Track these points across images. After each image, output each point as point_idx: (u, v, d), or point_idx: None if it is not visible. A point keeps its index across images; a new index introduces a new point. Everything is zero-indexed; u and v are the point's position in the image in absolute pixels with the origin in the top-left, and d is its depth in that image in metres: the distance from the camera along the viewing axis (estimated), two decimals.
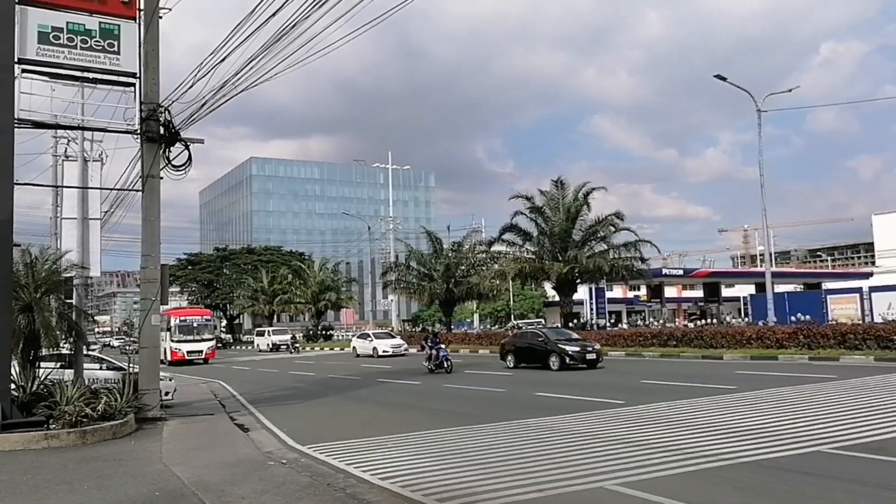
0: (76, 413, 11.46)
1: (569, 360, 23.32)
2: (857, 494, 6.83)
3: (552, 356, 23.96)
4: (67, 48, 12.99)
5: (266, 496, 7.32)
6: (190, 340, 40.15)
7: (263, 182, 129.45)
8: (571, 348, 23.77)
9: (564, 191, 40.14)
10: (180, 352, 39.33)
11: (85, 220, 16.00)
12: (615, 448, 9.39)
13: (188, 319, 41.64)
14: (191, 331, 40.90)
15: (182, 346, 39.62)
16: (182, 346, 39.62)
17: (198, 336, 40.97)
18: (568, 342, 24.55)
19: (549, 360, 24.00)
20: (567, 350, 23.66)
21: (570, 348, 23.77)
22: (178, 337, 40.16)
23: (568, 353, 23.50)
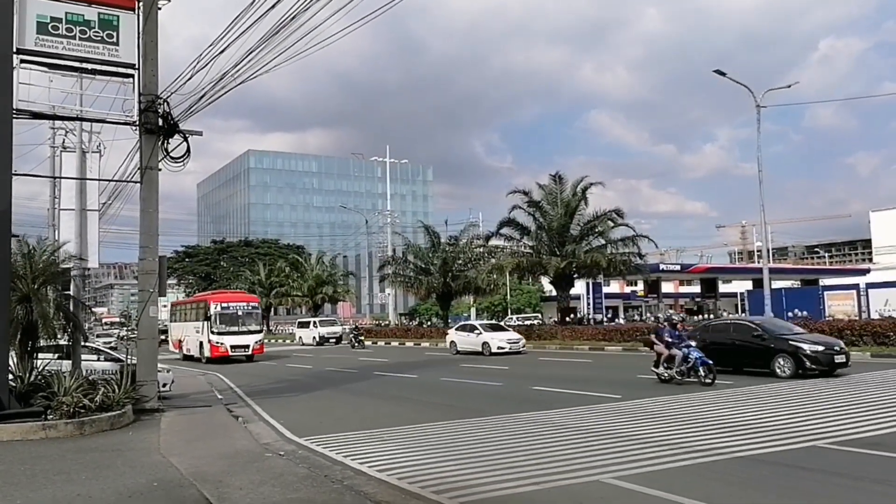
0: (74, 404, 11.46)
1: (809, 363, 16.41)
2: (852, 489, 6.87)
3: (779, 358, 16.89)
4: (66, 38, 12.94)
5: (264, 487, 7.35)
6: (234, 332, 31.80)
7: (261, 175, 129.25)
8: (810, 347, 16.80)
9: (562, 186, 40.15)
10: (222, 346, 31.17)
11: (83, 211, 15.98)
12: (612, 442, 9.43)
13: (231, 306, 32.82)
14: (235, 320, 32.30)
15: (224, 340, 31.33)
16: (224, 340, 31.33)
17: (244, 327, 32.44)
18: (801, 338, 17.56)
19: (773, 365, 16.96)
20: (805, 350, 16.67)
21: (807, 347, 16.78)
22: (220, 328, 31.63)
23: (806, 353, 16.58)
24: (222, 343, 31.23)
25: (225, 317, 32.14)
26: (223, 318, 32.02)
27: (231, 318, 32.32)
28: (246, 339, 31.93)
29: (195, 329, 33.45)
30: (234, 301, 33.88)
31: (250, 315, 33.27)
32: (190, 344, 34.40)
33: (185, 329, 35.93)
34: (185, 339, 35.49)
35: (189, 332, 34.94)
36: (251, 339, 32.14)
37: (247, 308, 33.41)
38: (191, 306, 37.01)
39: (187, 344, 35.00)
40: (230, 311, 32.49)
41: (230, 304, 33.13)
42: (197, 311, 34.36)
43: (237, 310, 32.81)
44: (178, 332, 37.68)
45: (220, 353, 31.08)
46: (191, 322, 34.89)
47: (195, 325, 33.68)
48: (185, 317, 37.14)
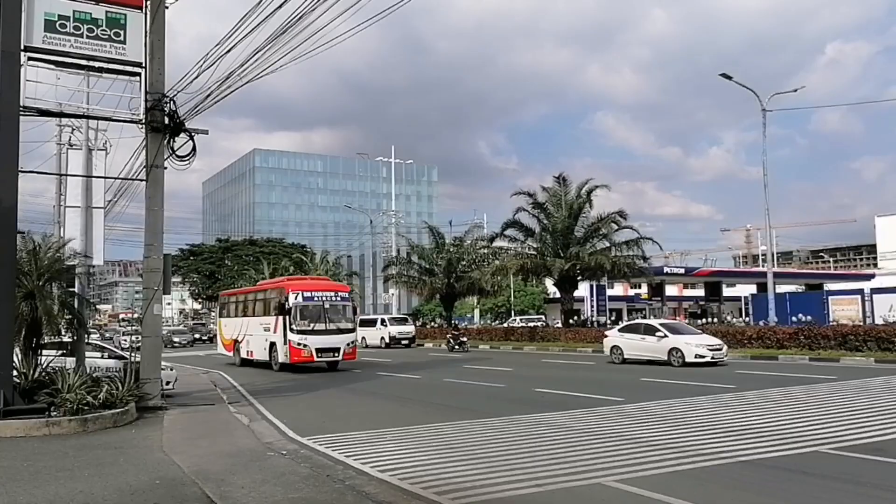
0: (77, 401, 11.51)
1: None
2: (855, 495, 6.85)
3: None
4: (74, 37, 13.00)
5: (266, 486, 7.36)
6: (321, 331, 24.33)
7: (267, 174, 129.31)
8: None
9: (567, 187, 40.13)
10: (305, 349, 23.82)
11: (88, 208, 16.06)
12: (614, 445, 9.42)
13: (317, 296, 25.00)
14: (321, 315, 24.60)
15: (309, 341, 23.92)
16: (309, 341, 23.92)
17: (332, 324, 24.82)
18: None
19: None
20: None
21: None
22: (302, 325, 24.10)
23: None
24: (305, 345, 23.76)
25: (309, 310, 24.45)
26: (306, 313, 24.31)
27: (316, 312, 24.56)
28: (336, 339, 24.61)
29: (262, 326, 26.32)
30: (319, 289, 25.59)
31: (340, 308, 25.49)
32: (254, 345, 26.96)
33: (245, 326, 28.22)
34: (247, 339, 27.75)
35: (252, 330, 27.38)
36: (342, 341, 24.78)
37: (335, 299, 25.35)
38: (255, 297, 28.68)
39: (249, 345, 27.46)
40: (315, 302, 24.67)
41: (314, 293, 25.06)
42: (265, 302, 26.87)
43: (324, 301, 24.90)
44: (234, 329, 29.53)
45: (303, 358, 23.84)
46: (255, 317, 27.56)
47: (262, 322, 26.42)
48: (245, 310, 29.21)
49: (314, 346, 23.85)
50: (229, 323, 30.71)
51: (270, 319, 25.45)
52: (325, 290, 25.68)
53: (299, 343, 23.74)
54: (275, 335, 24.88)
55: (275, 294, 25.80)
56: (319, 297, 24.83)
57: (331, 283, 29.22)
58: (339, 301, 25.45)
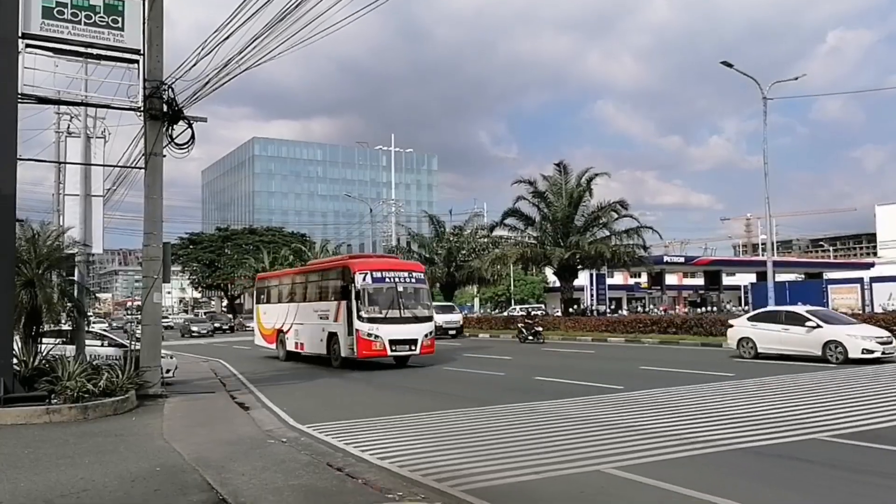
0: (78, 388, 11.53)
1: None
2: (852, 482, 6.88)
3: None
4: (71, 23, 12.93)
5: (266, 473, 7.38)
6: (395, 320, 19.99)
7: (266, 163, 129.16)
8: None
9: (567, 176, 40.06)
10: (378, 341, 19.52)
11: (87, 196, 16.04)
12: (613, 433, 9.45)
13: (388, 277, 20.58)
14: (394, 300, 20.37)
15: (381, 331, 19.60)
16: (381, 331, 19.60)
17: (407, 311, 20.54)
18: None
19: None
20: None
21: None
22: (371, 311, 19.78)
23: None
24: (377, 336, 19.46)
25: (380, 294, 20.21)
26: (377, 297, 20.08)
27: (389, 296, 20.33)
28: (413, 329, 20.17)
29: (317, 313, 22.21)
30: (390, 268, 21.07)
31: (416, 292, 21.22)
32: (305, 336, 22.96)
33: (293, 314, 24.08)
34: (294, 329, 23.83)
35: (302, 319, 23.26)
36: (420, 331, 20.25)
37: (410, 280, 21.01)
38: (306, 279, 24.57)
39: (298, 336, 23.46)
40: (387, 284, 20.41)
41: (385, 273, 20.58)
42: (321, 284, 23.02)
43: (397, 282, 20.58)
44: (277, 318, 25.47)
45: (374, 352, 19.61)
46: (306, 302, 23.57)
47: (317, 308, 22.35)
48: (292, 295, 25.19)
49: (387, 337, 19.51)
50: (270, 310, 26.52)
51: (328, 306, 21.45)
52: (397, 269, 21.14)
53: (369, 333, 19.37)
54: (335, 324, 20.71)
55: (335, 275, 21.71)
56: (391, 278, 20.44)
57: (402, 261, 24.86)
58: (414, 283, 21.02)
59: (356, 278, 19.88)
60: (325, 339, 21.33)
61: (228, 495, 6.48)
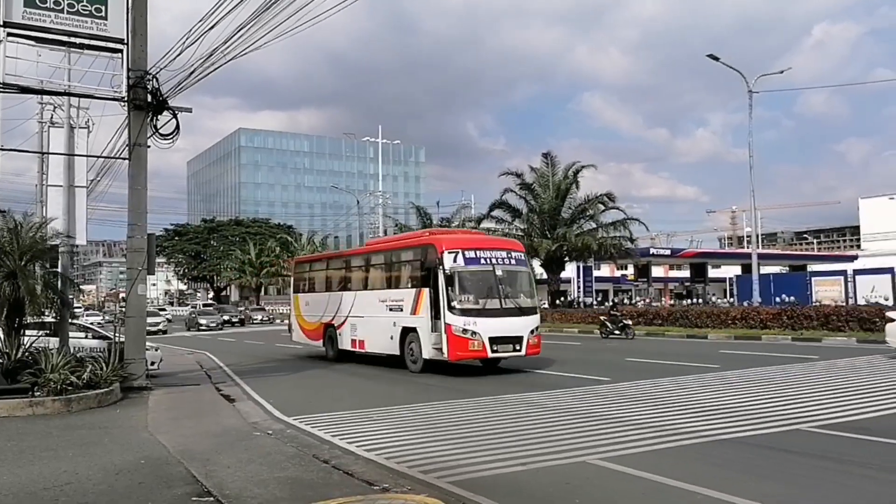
0: (61, 381, 11.45)
1: None
2: (834, 471, 6.94)
3: None
4: (54, 12, 12.76)
5: (251, 465, 7.36)
6: (495, 312, 15.76)
7: (252, 154, 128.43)
8: None
9: (554, 168, 40.17)
10: (475, 339, 15.33)
11: (71, 187, 15.85)
12: (599, 424, 9.49)
13: (484, 258, 16.23)
14: (492, 287, 16.07)
15: (479, 326, 15.40)
16: (479, 326, 15.40)
17: (509, 300, 16.19)
18: None
19: None
20: None
21: None
22: (466, 301, 15.64)
23: None
24: (474, 332, 15.16)
25: (475, 279, 15.94)
26: (472, 283, 15.83)
27: (486, 282, 15.95)
28: (517, 324, 15.77)
29: (386, 303, 17.87)
30: (485, 246, 16.63)
31: (518, 277, 16.75)
32: (367, 332, 18.67)
33: (348, 304, 19.64)
34: (350, 322, 19.42)
35: (364, 310, 18.87)
36: (525, 326, 15.89)
37: (510, 262, 16.42)
38: (369, 259, 19.94)
39: (357, 332, 19.08)
40: (484, 266, 15.93)
41: (481, 251, 16.18)
42: (392, 267, 18.59)
43: (495, 264, 16.01)
44: (322, 309, 21.04)
45: (471, 353, 15.33)
46: (369, 290, 19.20)
47: (387, 297, 17.98)
48: (346, 281, 20.47)
49: (486, 334, 15.16)
50: (315, 301, 21.91)
51: (402, 294, 17.25)
52: (493, 246, 16.73)
53: (465, 329, 15.08)
54: (413, 317, 16.52)
55: (412, 255, 17.61)
56: (488, 259, 16.01)
57: (497, 238, 20.10)
58: (515, 265, 16.51)
59: (444, 259, 15.56)
60: (396, 336, 17.10)
61: (213, 487, 6.45)
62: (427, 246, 16.75)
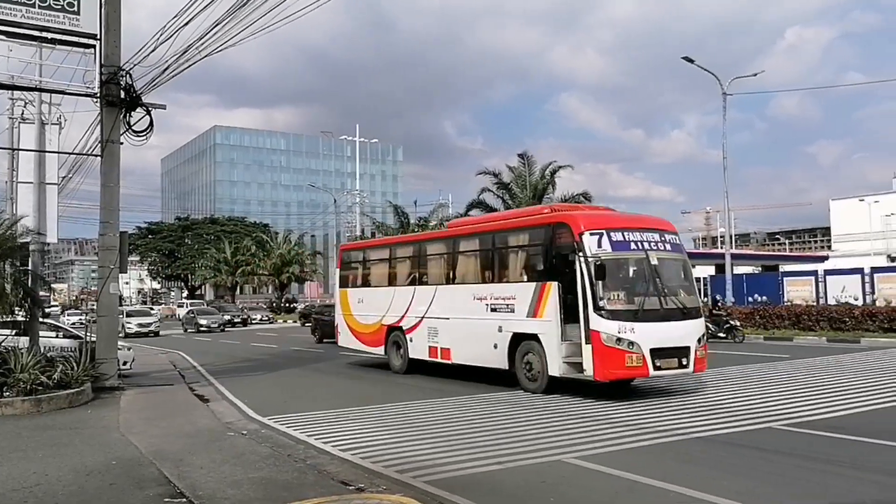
0: (31, 381, 11.29)
1: None
2: (805, 469, 7.05)
3: None
4: (25, 6, 12.57)
5: (225, 466, 7.30)
6: (655, 315, 11.62)
7: (228, 151, 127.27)
8: None
9: (531, 168, 40.29)
10: (633, 352, 11.17)
11: (42, 184, 15.64)
12: (574, 423, 9.56)
13: (635, 242, 12.04)
14: (648, 279, 11.91)
15: (638, 335, 11.22)
16: (638, 335, 11.22)
17: (670, 299, 11.91)
18: None
19: None
20: None
21: None
22: (617, 301, 11.52)
23: None
24: (632, 343, 11.28)
25: (627, 270, 12.41)
26: (623, 275, 12.28)
27: (640, 273, 12.25)
28: (681, 330, 11.98)
29: (488, 302, 13.78)
30: (634, 226, 12.64)
31: (675, 268, 12.80)
32: (458, 337, 14.61)
33: (426, 301, 15.60)
34: (430, 326, 15.35)
35: (452, 309, 14.81)
36: (692, 333, 12.11)
37: (665, 247, 12.50)
38: (460, 245, 15.37)
39: (442, 336, 15.01)
40: (636, 253, 12.18)
41: (630, 233, 12.30)
42: (498, 253, 14.30)
43: (648, 249, 12.17)
44: (389, 307, 16.78)
45: (627, 371, 11.47)
46: (461, 284, 14.94)
47: (491, 293, 13.80)
48: (424, 271, 16.30)
49: (647, 345, 11.29)
50: (371, 297, 17.80)
51: (515, 290, 13.12)
52: (643, 227, 12.55)
53: (619, 338, 11.17)
54: (533, 321, 12.51)
55: (532, 237, 13.35)
56: (640, 243, 12.12)
57: (642, 216, 14.16)
58: (672, 251, 12.53)
59: (585, 243, 11.62)
60: (503, 345, 13.11)
61: (186, 489, 6.39)
62: (555, 225, 12.57)
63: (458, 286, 15.00)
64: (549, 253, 12.65)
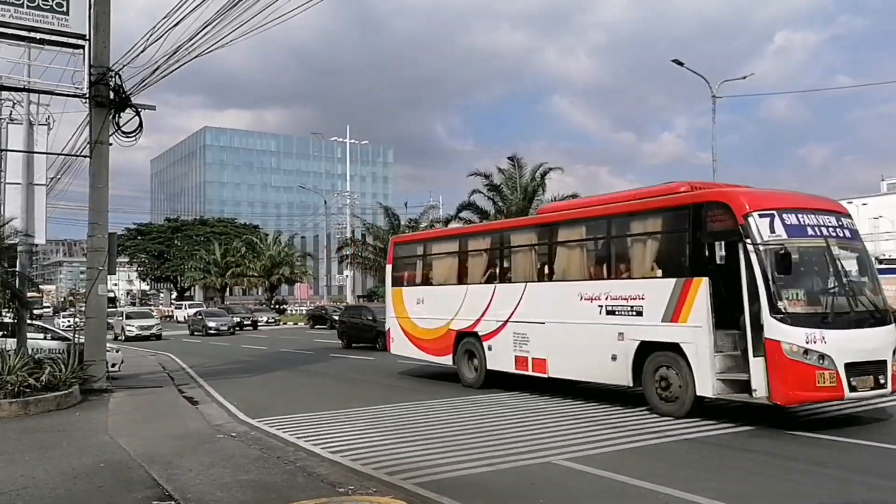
0: (19, 383, 11.21)
1: None
2: (794, 471, 7.12)
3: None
4: (13, 6, 12.49)
5: (214, 469, 7.27)
6: (845, 320, 9.25)
7: (218, 152, 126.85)
8: None
9: (522, 170, 40.32)
10: (826, 367, 8.79)
11: (30, 185, 15.55)
12: (564, 425, 9.58)
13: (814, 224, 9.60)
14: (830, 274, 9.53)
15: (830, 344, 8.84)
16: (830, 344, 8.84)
17: (857, 297, 9.51)
18: None
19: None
20: None
21: None
22: (797, 300, 9.17)
23: None
24: (823, 354, 8.84)
25: (808, 261, 9.64)
26: (803, 267, 9.50)
27: (822, 265, 9.66)
28: (875, 338, 9.36)
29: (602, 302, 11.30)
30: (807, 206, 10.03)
31: (856, 257, 10.23)
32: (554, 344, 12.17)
33: (510, 300, 13.16)
34: (518, 331, 12.95)
35: (547, 311, 12.36)
36: (887, 342, 9.40)
37: (843, 232, 9.99)
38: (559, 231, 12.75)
39: (534, 344, 12.58)
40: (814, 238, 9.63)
41: (804, 214, 9.74)
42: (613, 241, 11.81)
43: (827, 236, 9.68)
44: (461, 308, 14.34)
45: (818, 392, 8.98)
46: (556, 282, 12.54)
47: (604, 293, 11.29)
48: (504, 265, 13.88)
49: (841, 360, 8.99)
50: (435, 296, 15.26)
51: (645, 287, 10.69)
52: (817, 208, 10.19)
53: (807, 350, 8.93)
54: (672, 327, 10.15)
55: (667, 220, 10.95)
56: (817, 228, 9.81)
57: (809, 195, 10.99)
58: (851, 239, 10.25)
59: (754, 226, 9.38)
60: (626, 356, 10.67)
61: (175, 491, 6.37)
62: (705, 206, 10.08)
63: (557, 284, 12.35)
64: (695, 241, 10.01)
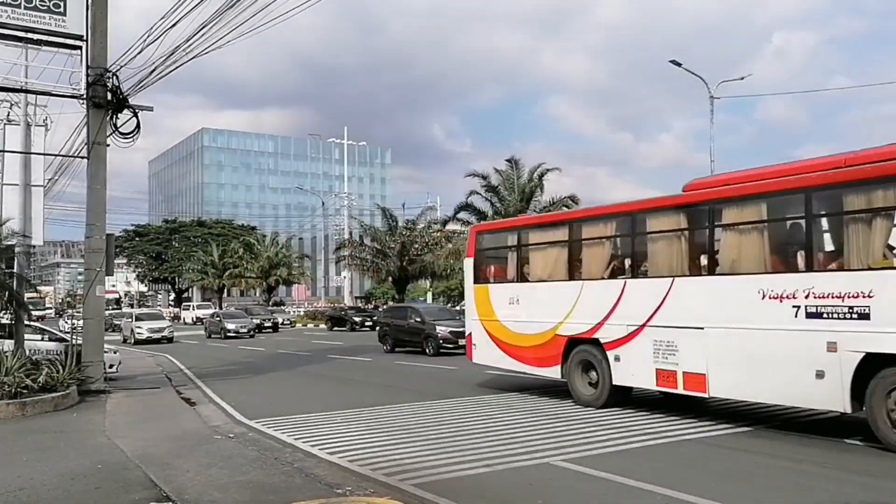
0: (16, 384, 11.19)
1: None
2: (792, 472, 7.11)
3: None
4: (10, 7, 12.52)
5: (212, 469, 7.26)
6: None
7: (216, 154, 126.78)
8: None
9: (519, 171, 40.30)
10: None
11: (27, 186, 15.55)
12: (563, 425, 9.58)
13: None
14: None
15: None
16: None
17: None
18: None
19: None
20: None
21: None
22: None
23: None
24: None
25: None
26: None
27: None
28: None
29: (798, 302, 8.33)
30: None
31: None
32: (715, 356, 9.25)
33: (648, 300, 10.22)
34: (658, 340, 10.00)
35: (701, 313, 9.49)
36: None
37: None
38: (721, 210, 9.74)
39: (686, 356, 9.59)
40: None
41: None
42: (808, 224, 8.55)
43: None
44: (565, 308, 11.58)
45: None
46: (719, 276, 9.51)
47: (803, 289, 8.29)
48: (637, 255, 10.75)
49: None
50: (535, 295, 12.68)
51: (868, 282, 7.79)
52: None
53: None
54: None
55: None
56: None
57: None
58: None
59: None
60: (840, 375, 7.97)
61: (172, 492, 6.36)
62: None
63: (723, 278, 9.52)
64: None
